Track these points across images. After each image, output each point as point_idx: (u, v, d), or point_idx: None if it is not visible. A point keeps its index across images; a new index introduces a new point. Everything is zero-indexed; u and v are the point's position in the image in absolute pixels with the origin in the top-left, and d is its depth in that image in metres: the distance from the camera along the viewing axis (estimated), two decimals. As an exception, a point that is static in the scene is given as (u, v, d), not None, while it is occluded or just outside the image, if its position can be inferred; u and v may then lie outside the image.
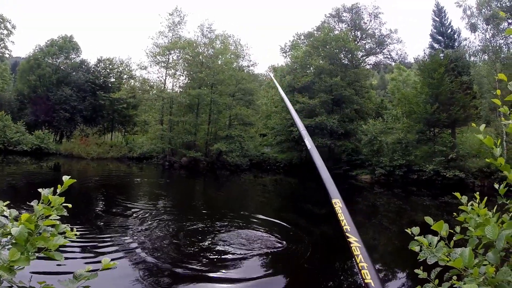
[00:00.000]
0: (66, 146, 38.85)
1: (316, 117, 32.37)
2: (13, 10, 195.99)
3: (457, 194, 1.95)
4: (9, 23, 41.08)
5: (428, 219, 1.68)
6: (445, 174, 25.36)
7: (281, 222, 11.46)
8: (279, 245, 8.67)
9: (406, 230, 1.77)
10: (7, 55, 43.17)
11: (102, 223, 10.21)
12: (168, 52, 36.42)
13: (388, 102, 39.88)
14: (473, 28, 29.17)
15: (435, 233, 1.63)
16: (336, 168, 32.52)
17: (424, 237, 1.65)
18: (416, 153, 27.94)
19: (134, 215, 11.30)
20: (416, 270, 1.73)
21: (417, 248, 1.65)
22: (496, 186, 1.91)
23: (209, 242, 8.75)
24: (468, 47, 31.31)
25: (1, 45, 41.42)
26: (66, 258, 6.12)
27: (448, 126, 28.48)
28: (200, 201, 17.21)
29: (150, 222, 10.43)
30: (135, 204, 13.37)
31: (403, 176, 27.67)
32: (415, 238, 1.67)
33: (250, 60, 39.08)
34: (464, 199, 1.88)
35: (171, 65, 36.88)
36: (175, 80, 38.45)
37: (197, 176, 29.59)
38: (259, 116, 39.84)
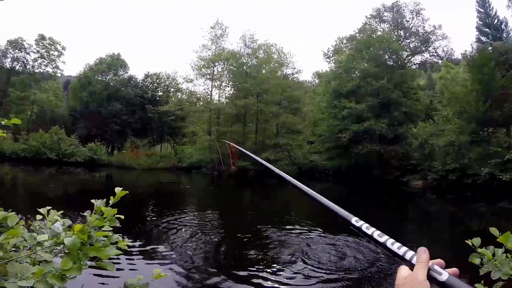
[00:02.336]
0: (117, 157, 41.77)
1: (364, 122, 33.13)
2: (62, 32, 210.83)
3: None
4: (59, 45, 45.31)
5: (494, 230, 1.57)
6: (501, 177, 24.33)
7: (333, 235, 11.02)
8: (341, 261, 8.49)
9: (466, 241, 1.67)
10: (59, 75, 47.61)
11: (152, 233, 10.74)
12: (212, 64, 38.63)
13: (437, 102, 39.72)
14: (520, 16, 28.51)
15: (497, 244, 1.54)
16: (386, 174, 32.91)
17: (486, 249, 1.58)
18: (469, 155, 27.23)
19: (183, 224, 11.65)
20: (477, 285, 1.67)
21: (477, 261, 1.59)
22: None
23: (262, 254, 8.79)
24: (517, 37, 30.41)
25: (53, 66, 45.52)
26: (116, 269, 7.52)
27: (502, 125, 27.76)
28: (249, 210, 17.81)
29: (199, 232, 10.71)
30: (184, 214, 13.83)
31: (456, 180, 26.93)
32: (477, 250, 1.60)
33: (294, 68, 40.81)
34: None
35: (216, 77, 39.17)
36: (221, 91, 40.97)
37: (246, 185, 30.86)
38: (306, 124, 41.11)
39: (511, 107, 26.06)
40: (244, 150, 2.26)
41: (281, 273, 7.48)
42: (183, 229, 10.94)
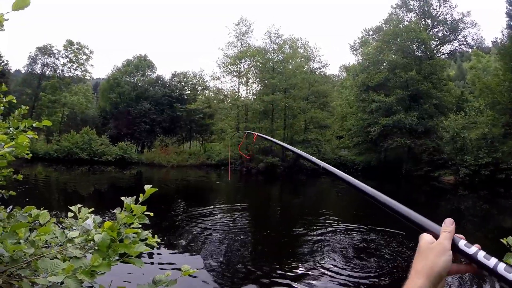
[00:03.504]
0: (147, 155, 43.03)
1: (393, 115, 33.24)
2: (90, 36, 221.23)
3: None
4: (87, 49, 47.32)
5: None
6: None
7: (362, 228, 11.41)
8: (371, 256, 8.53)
9: (501, 240, 1.61)
10: (88, 77, 49.62)
11: (180, 229, 10.76)
12: (239, 61, 39.42)
13: (469, 93, 39.36)
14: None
15: None
16: (417, 169, 32.90)
17: None
18: (503, 149, 26.99)
19: (212, 221, 11.79)
20: None
21: None
22: None
23: (291, 252, 8.90)
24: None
25: (82, 69, 47.50)
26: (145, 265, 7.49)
27: None
28: (278, 207, 18.03)
29: (228, 229, 10.82)
30: (213, 211, 13.93)
31: (489, 175, 26.79)
32: None
33: (321, 62, 41.11)
34: None
35: (243, 74, 39.95)
36: (248, 87, 41.80)
37: (275, 181, 31.29)
38: (335, 118, 41.57)
39: (545, 97, 25.40)
40: (270, 138, 2.23)
41: (309, 271, 7.43)
42: (212, 226, 11.07)
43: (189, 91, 49.85)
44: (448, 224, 0.83)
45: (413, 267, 0.79)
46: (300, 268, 7.60)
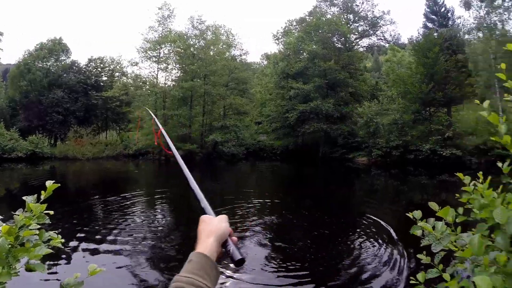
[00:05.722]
0: (60, 148, 39.56)
1: (311, 102, 33.61)
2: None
3: (460, 175, 1.79)
4: None
5: (433, 205, 1.61)
6: (442, 152, 26.41)
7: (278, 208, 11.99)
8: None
9: (407, 214, 1.72)
10: (-4, 62, 44.38)
11: (99, 225, 9.98)
12: (159, 47, 37.65)
13: (383, 84, 41.07)
14: (467, 5, 30.22)
15: (438, 216, 1.60)
16: (333, 152, 33.79)
17: (426, 221, 1.63)
18: (412, 133, 28.79)
19: (131, 214, 11.18)
20: (419, 255, 1.71)
21: (419, 233, 1.63)
22: (500, 164, 1.70)
23: None
24: (462, 25, 32.51)
25: (-10, 53, 42.81)
26: (55, 265, 6.52)
27: (444, 105, 29.58)
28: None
29: (148, 221, 10.42)
30: (132, 202, 13.30)
31: (400, 156, 28.61)
32: (418, 223, 1.64)
33: (242, 49, 40.70)
34: (467, 179, 1.71)
35: (162, 59, 38.19)
36: (167, 74, 39.90)
37: (194, 168, 29.89)
38: (254, 105, 41.65)
39: (452, 89, 27.82)
40: (165, 134, 1.93)
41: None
42: (131, 219, 10.48)
43: (105, 78, 46.41)
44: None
45: (202, 232, 1.06)
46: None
